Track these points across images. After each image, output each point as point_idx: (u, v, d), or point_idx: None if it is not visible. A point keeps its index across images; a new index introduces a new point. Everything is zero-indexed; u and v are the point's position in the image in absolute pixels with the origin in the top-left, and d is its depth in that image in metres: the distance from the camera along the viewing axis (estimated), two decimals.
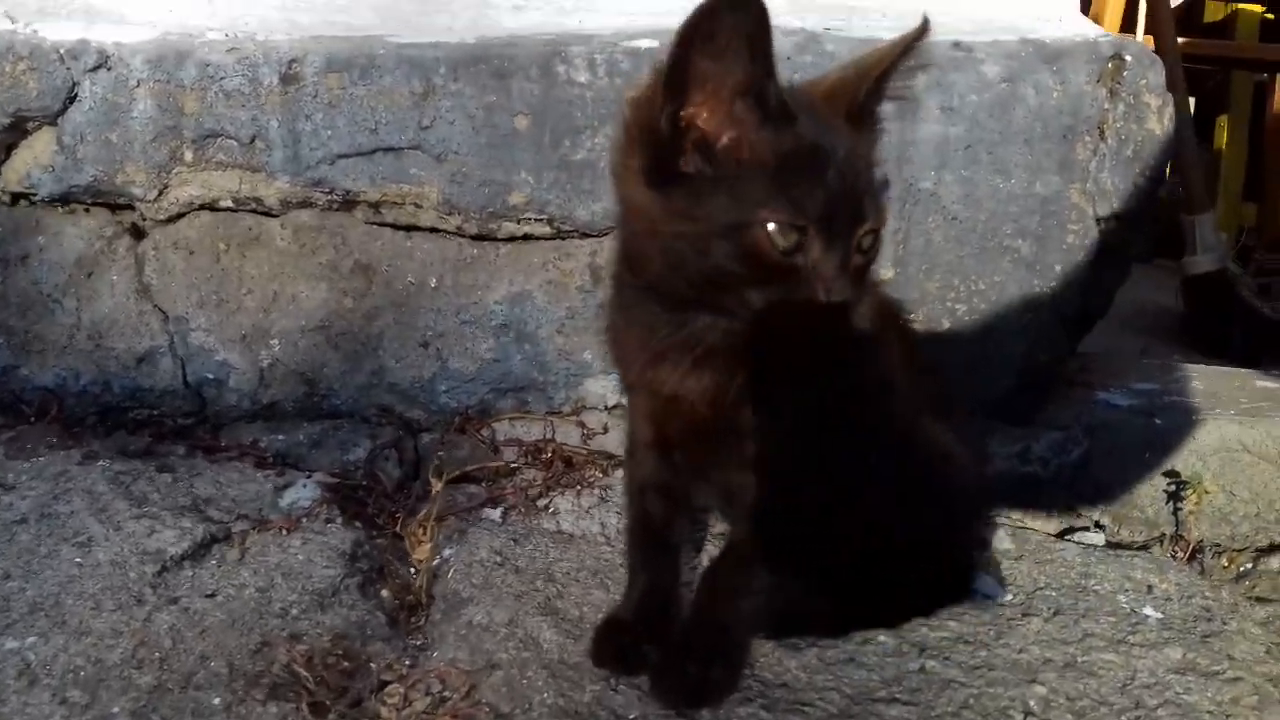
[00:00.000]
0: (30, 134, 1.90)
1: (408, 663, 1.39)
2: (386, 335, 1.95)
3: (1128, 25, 4.50)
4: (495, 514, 1.75)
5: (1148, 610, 1.61)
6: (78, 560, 1.49)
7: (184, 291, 1.94)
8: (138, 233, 1.95)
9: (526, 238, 1.93)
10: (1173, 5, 3.75)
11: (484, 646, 1.39)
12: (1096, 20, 4.03)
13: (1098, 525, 1.95)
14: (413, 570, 1.59)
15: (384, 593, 1.54)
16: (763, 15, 1.04)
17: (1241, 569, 1.89)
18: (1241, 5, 5.30)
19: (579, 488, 1.81)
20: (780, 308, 1.12)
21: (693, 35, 1.06)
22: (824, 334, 1.17)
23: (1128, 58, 1.95)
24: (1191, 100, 4.25)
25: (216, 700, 1.26)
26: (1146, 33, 4.23)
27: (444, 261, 1.93)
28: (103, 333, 1.95)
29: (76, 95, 1.87)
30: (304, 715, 1.24)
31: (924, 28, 1.23)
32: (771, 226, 1.08)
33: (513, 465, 1.88)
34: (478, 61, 1.87)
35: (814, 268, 1.11)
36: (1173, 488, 1.95)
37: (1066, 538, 1.89)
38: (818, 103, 1.19)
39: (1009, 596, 1.62)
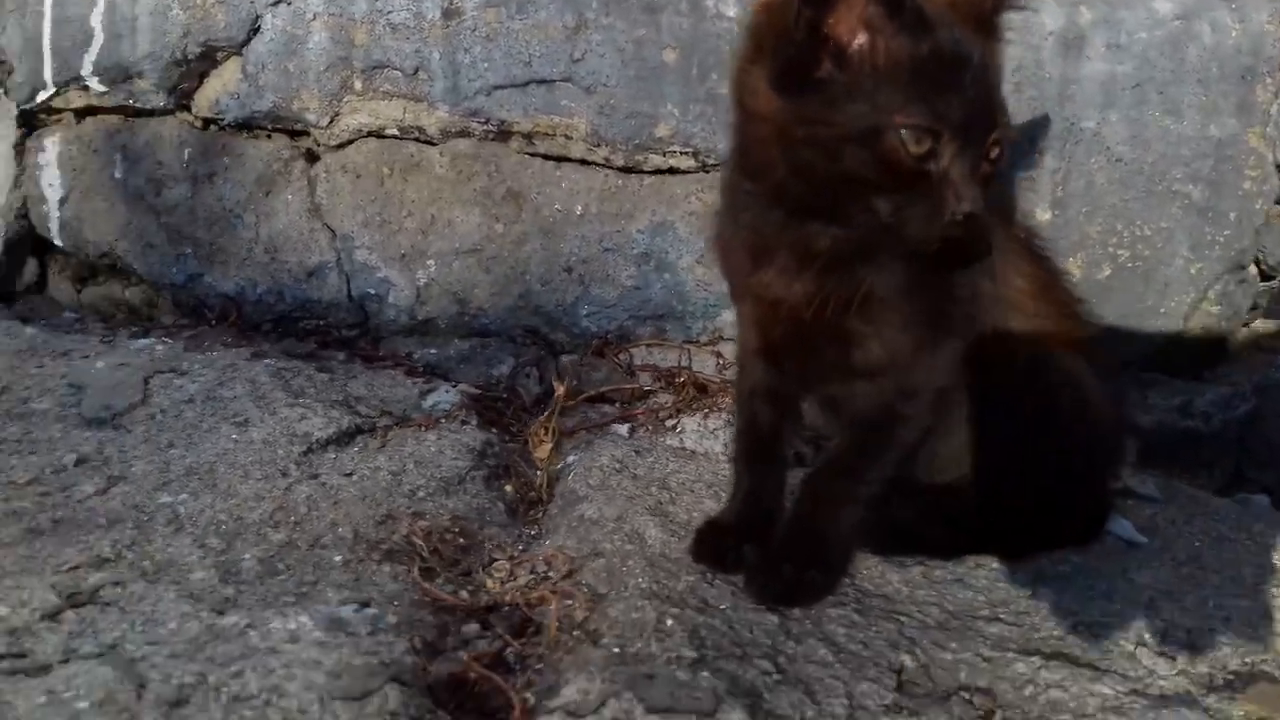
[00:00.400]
0: (219, 64, 2.06)
1: (520, 547, 1.44)
2: (533, 260, 2.02)
3: None
4: (623, 429, 1.79)
5: None
6: (234, 436, 1.62)
7: (350, 212, 2.06)
8: (311, 157, 2.09)
9: (672, 171, 1.96)
10: None
11: (591, 537, 1.42)
12: None
13: (1265, 488, 1.82)
14: (536, 471, 1.65)
15: (507, 487, 1.61)
16: None
17: None
18: None
19: (708, 411, 1.83)
20: (905, 215, 1.11)
21: None
22: (945, 244, 1.15)
23: None
24: None
25: (338, 558, 1.34)
26: None
27: (590, 191, 1.98)
28: (278, 247, 2.10)
29: (259, 27, 2.02)
30: (414, 577, 1.30)
31: None
32: (905, 132, 1.07)
33: (646, 389, 1.92)
34: None
35: (946, 175, 1.09)
36: None
37: (1226, 495, 1.77)
38: (943, 9, 1.17)
39: (1146, 541, 1.53)
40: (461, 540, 1.42)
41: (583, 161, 1.99)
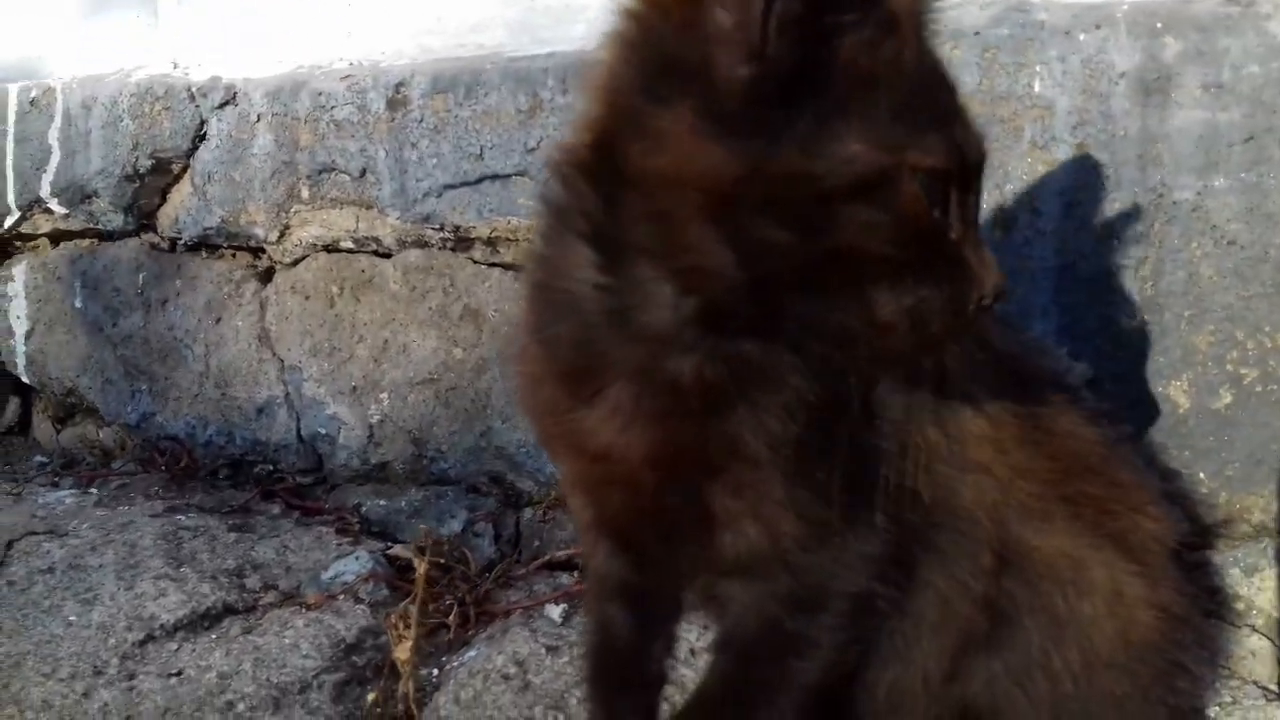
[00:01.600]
0: (178, 178, 1.87)
1: None
2: (494, 391, 1.69)
3: None
4: (556, 612, 1.43)
5: None
6: (71, 619, 1.38)
7: (299, 338, 1.81)
8: (267, 276, 1.86)
9: None
10: None
11: None
12: None
13: None
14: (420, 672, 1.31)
15: (369, 697, 1.26)
16: None
17: None
18: None
19: None
20: (925, 305, 0.71)
21: None
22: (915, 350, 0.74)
23: None
24: None
25: None
26: None
27: None
28: (228, 380, 1.87)
29: (205, 134, 1.81)
30: None
31: None
32: (922, 176, 0.68)
33: None
34: None
35: (964, 239, 0.71)
36: None
37: None
38: None
39: None
40: None
41: None
